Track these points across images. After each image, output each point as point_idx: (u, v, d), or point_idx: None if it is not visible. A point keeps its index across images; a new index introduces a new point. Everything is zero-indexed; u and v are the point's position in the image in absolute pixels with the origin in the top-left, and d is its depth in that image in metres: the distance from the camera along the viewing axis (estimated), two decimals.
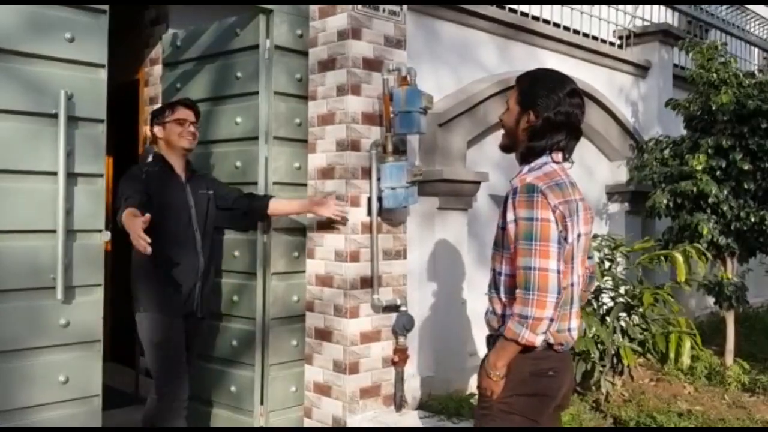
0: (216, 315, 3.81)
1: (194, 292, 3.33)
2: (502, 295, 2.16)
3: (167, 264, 3.24)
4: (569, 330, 2.13)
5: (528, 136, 2.14)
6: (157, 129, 3.39)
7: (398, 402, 3.76)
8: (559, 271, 1.99)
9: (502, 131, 2.27)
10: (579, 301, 2.20)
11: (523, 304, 2.00)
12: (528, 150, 2.15)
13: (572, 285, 2.14)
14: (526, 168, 2.15)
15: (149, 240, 2.77)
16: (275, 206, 3.56)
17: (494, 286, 2.20)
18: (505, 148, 2.27)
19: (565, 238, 2.04)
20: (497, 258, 2.19)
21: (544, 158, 2.13)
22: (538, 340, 2.02)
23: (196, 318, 3.38)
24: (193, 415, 3.84)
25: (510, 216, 2.07)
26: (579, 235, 2.13)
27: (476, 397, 4.31)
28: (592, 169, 5.81)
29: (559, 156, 2.14)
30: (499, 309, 2.17)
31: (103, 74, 3.01)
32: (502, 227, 2.14)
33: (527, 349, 2.05)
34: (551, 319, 2.00)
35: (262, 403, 3.73)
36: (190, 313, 3.34)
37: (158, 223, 3.00)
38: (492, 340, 2.20)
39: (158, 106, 3.53)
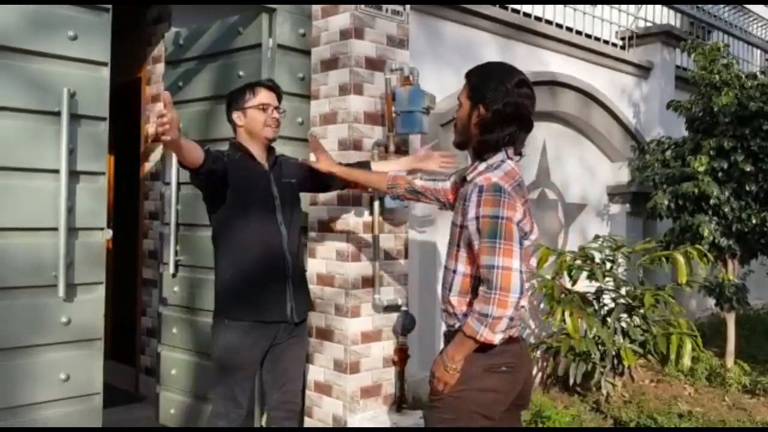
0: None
1: (286, 295, 2.91)
2: (454, 295, 2.16)
3: (251, 264, 2.86)
4: (522, 307, 2.08)
5: (480, 130, 2.14)
6: (235, 115, 2.95)
7: (399, 402, 3.76)
8: (521, 271, 2.00)
9: (453, 129, 2.27)
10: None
11: (484, 302, 1.99)
12: (480, 144, 2.15)
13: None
14: (484, 165, 2.14)
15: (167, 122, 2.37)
16: (379, 170, 3.12)
17: (448, 285, 2.20)
18: (459, 145, 2.26)
19: (524, 236, 2.08)
20: (452, 256, 2.18)
21: (501, 155, 2.13)
22: (496, 339, 2.02)
23: (290, 325, 2.94)
24: (193, 414, 3.85)
25: (472, 213, 2.05)
26: (533, 240, 2.17)
27: None
28: (594, 170, 5.81)
29: (511, 151, 2.15)
30: (451, 309, 2.18)
31: (105, 72, 3.01)
32: (461, 225, 2.12)
33: (484, 345, 2.05)
34: (511, 318, 2.00)
35: (262, 402, 3.73)
36: (282, 319, 2.90)
37: (238, 218, 2.81)
38: (448, 336, 2.23)
39: (237, 87, 3.04)
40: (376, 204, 3.66)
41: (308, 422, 3.84)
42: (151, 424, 4.11)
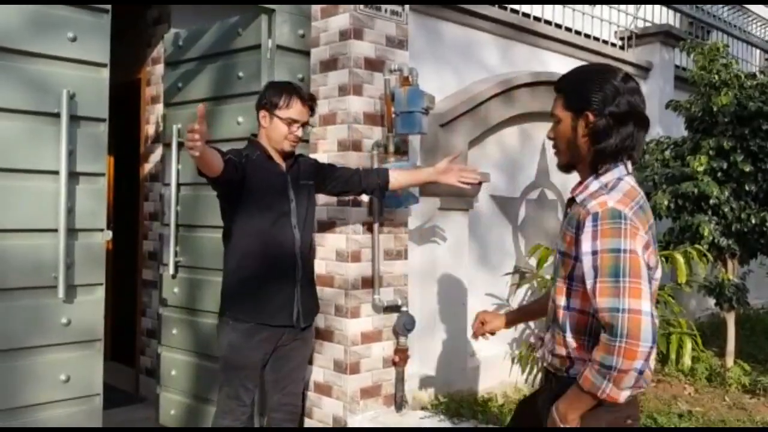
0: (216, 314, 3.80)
1: (293, 299, 2.89)
2: (570, 334, 1.82)
3: (260, 265, 2.84)
4: (650, 367, 1.71)
5: (592, 141, 1.81)
6: (262, 114, 2.90)
7: (399, 402, 3.76)
8: (652, 315, 1.65)
9: (553, 150, 1.94)
10: None
11: (607, 352, 1.64)
12: (596, 156, 1.81)
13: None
14: (597, 185, 1.80)
15: (199, 139, 2.39)
16: (397, 180, 3.15)
17: (556, 321, 1.87)
18: (565, 167, 1.92)
19: (652, 276, 1.74)
20: (561, 290, 1.85)
21: (617, 171, 1.81)
22: (622, 396, 1.67)
23: (296, 329, 2.93)
24: (193, 415, 3.85)
25: (587, 247, 1.71)
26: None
27: (476, 396, 4.32)
28: None
29: (630, 165, 1.84)
30: (562, 351, 1.84)
31: (105, 73, 3.01)
32: (574, 257, 1.78)
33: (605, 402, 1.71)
34: (641, 372, 1.63)
35: (261, 402, 3.73)
36: (287, 324, 2.89)
37: (253, 218, 2.81)
38: (553, 379, 1.90)
39: (264, 90, 2.98)
40: (376, 205, 3.66)
41: (308, 423, 3.84)
42: (151, 424, 4.12)
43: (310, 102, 2.95)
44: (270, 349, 2.89)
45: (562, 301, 1.85)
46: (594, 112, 1.80)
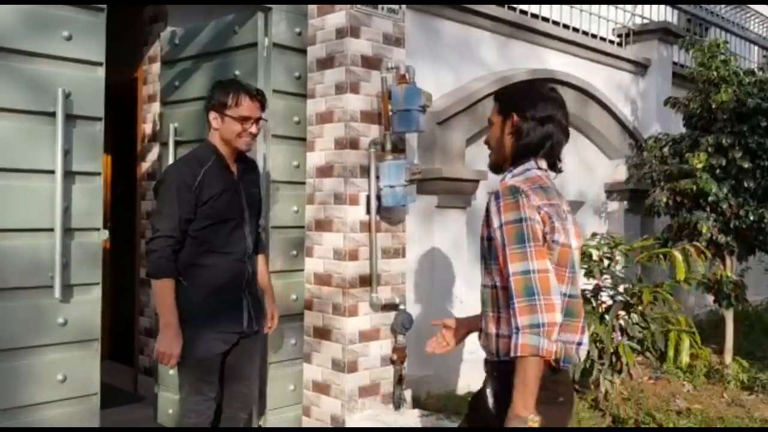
0: None
1: (244, 306, 2.92)
2: (501, 311, 1.96)
3: (217, 274, 2.84)
4: (579, 344, 1.94)
5: (515, 138, 2.06)
6: (212, 116, 2.85)
7: (397, 401, 3.76)
8: (551, 272, 1.86)
9: (488, 153, 2.17)
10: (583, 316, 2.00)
11: (531, 312, 1.80)
12: (517, 151, 2.06)
13: (573, 297, 1.96)
14: (509, 174, 2.05)
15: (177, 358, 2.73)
16: (258, 265, 3.13)
17: (488, 302, 2.02)
18: (495, 166, 2.17)
19: (554, 240, 1.92)
20: (488, 272, 2.03)
21: (528, 164, 2.04)
22: (554, 348, 1.81)
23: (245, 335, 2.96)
24: None
25: (496, 222, 1.93)
26: (572, 248, 1.99)
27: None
28: (592, 168, 5.80)
29: (543, 163, 2.07)
30: (493, 328, 1.98)
31: (101, 72, 3.00)
32: (488, 238, 1.99)
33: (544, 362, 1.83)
34: (559, 325, 1.82)
35: (260, 401, 3.73)
36: (238, 330, 2.91)
37: (208, 229, 2.79)
38: (491, 367, 2.01)
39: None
40: (374, 203, 3.66)
41: (306, 422, 3.83)
42: (149, 424, 4.11)
43: (259, 97, 2.90)
44: (226, 348, 2.88)
45: (487, 281, 2.03)
46: (519, 114, 2.06)
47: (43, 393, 2.82)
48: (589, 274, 4.57)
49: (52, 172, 2.82)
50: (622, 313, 4.57)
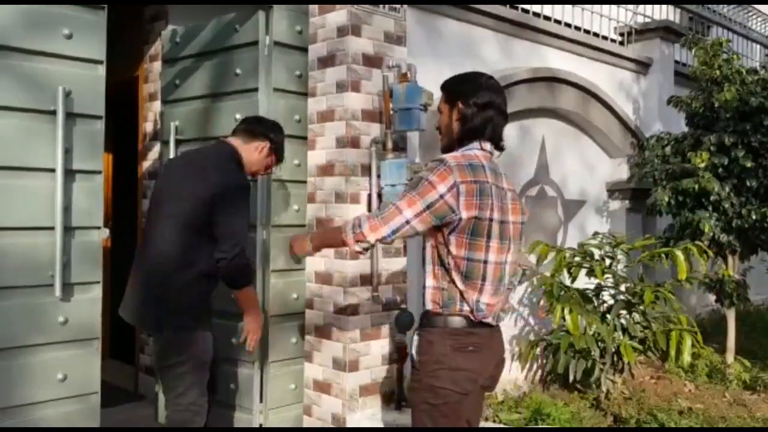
0: (215, 313, 3.79)
1: None
2: (428, 266, 2.37)
3: (213, 281, 3.01)
4: (478, 302, 2.25)
5: (460, 124, 2.34)
6: (263, 146, 3.12)
7: (398, 400, 3.75)
8: (408, 222, 2.21)
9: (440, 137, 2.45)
10: (499, 283, 2.29)
11: (367, 219, 2.27)
12: (462, 134, 2.34)
13: (488, 263, 2.25)
14: (454, 152, 2.33)
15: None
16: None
17: (428, 259, 2.37)
18: (446, 149, 2.42)
19: (458, 217, 2.19)
20: (428, 235, 2.36)
21: (472, 145, 2.32)
22: (350, 244, 2.30)
23: None
24: None
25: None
26: (503, 222, 2.28)
27: None
28: (593, 166, 5.79)
29: (487, 145, 2.34)
30: (424, 280, 2.38)
31: (101, 70, 2.99)
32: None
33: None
34: (371, 245, 2.30)
35: (261, 400, 3.72)
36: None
37: (212, 241, 2.93)
38: (423, 318, 2.39)
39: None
40: (375, 201, 3.65)
41: (307, 421, 3.83)
42: (150, 423, 4.11)
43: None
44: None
45: (426, 242, 2.37)
46: (463, 102, 2.33)
47: (43, 392, 2.82)
48: (590, 273, 4.57)
49: (53, 170, 2.81)
50: (623, 312, 4.57)
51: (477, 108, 2.32)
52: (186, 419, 2.95)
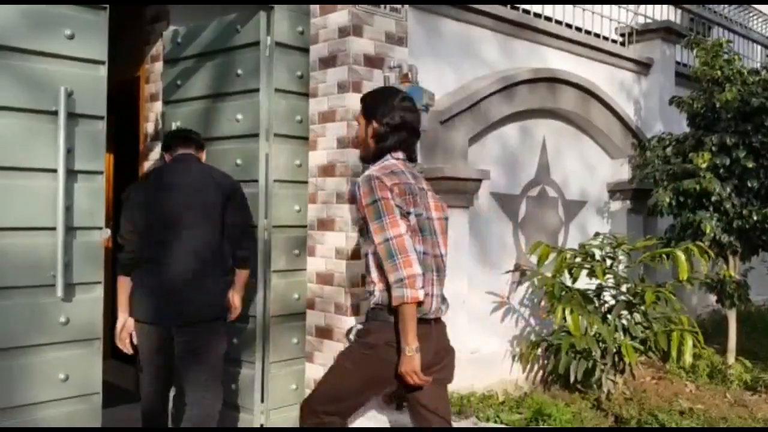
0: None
1: None
2: (374, 274, 2.47)
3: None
4: (429, 295, 2.45)
5: (375, 141, 2.56)
6: (204, 153, 3.54)
7: (398, 400, 3.75)
8: (403, 234, 2.36)
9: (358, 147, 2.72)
10: (441, 273, 2.55)
11: (395, 270, 2.34)
12: (376, 152, 2.56)
13: (427, 255, 2.47)
14: (372, 167, 2.53)
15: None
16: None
17: (367, 269, 2.52)
18: (364, 158, 2.66)
19: (408, 213, 2.42)
20: (365, 243, 2.52)
21: (385, 157, 2.54)
22: (420, 294, 2.35)
23: None
24: None
25: (362, 206, 2.44)
26: (429, 218, 2.52)
27: (477, 395, 4.31)
28: (594, 167, 5.79)
29: (399, 154, 2.56)
30: (371, 287, 2.50)
31: (103, 71, 3.00)
32: (363, 217, 2.46)
33: (396, 318, 2.37)
34: (423, 274, 2.37)
35: (262, 401, 3.73)
36: None
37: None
38: (368, 314, 2.55)
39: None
40: None
41: None
42: None
43: None
44: None
45: (366, 250, 2.52)
46: (378, 121, 2.55)
47: (44, 392, 2.82)
48: (591, 273, 4.57)
49: (54, 170, 2.81)
50: (624, 312, 4.57)
51: (390, 128, 2.53)
52: (210, 414, 3.19)
